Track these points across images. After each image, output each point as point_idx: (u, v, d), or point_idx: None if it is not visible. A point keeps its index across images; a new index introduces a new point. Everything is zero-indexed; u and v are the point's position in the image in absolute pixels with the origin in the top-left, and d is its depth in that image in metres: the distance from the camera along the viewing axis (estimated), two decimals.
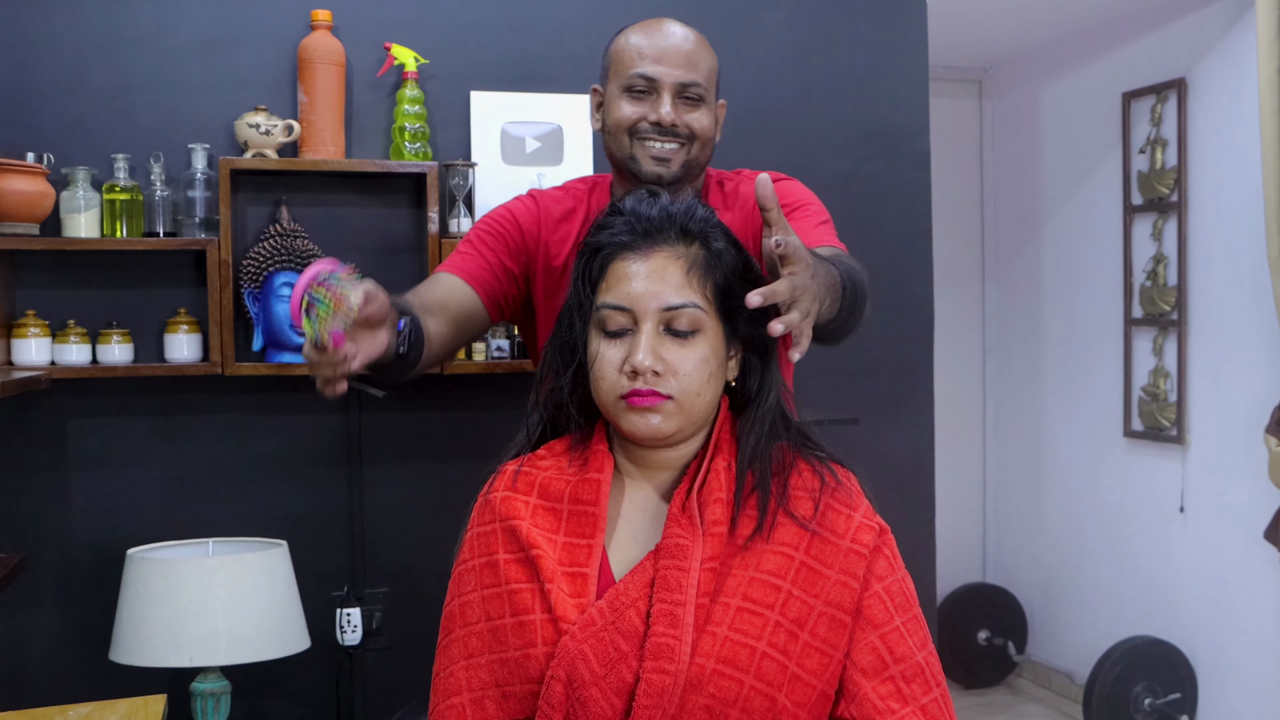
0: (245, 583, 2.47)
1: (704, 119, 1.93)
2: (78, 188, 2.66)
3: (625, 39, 1.95)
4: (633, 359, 1.35)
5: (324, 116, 2.75)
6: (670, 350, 1.36)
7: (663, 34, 1.92)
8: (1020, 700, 4.83)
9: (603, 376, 1.37)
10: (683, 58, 1.91)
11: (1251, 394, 3.84)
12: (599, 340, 1.39)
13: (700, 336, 1.37)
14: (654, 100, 1.90)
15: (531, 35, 2.97)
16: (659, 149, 1.91)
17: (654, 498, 1.43)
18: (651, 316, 1.36)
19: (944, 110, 4.45)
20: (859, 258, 1.62)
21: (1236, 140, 3.87)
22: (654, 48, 1.91)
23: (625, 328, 1.37)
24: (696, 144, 1.93)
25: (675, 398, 1.36)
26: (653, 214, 1.40)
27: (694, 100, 1.91)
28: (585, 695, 1.28)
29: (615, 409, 1.37)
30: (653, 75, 1.90)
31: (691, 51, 1.92)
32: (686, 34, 1.94)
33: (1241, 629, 3.95)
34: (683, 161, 1.92)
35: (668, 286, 1.36)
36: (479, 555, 1.40)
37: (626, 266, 1.38)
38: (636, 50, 1.92)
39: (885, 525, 1.41)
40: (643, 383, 1.35)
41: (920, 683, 1.33)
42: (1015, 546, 5.11)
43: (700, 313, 1.37)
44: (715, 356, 1.39)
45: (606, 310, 1.38)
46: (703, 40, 1.96)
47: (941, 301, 3.68)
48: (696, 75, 1.91)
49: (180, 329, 2.72)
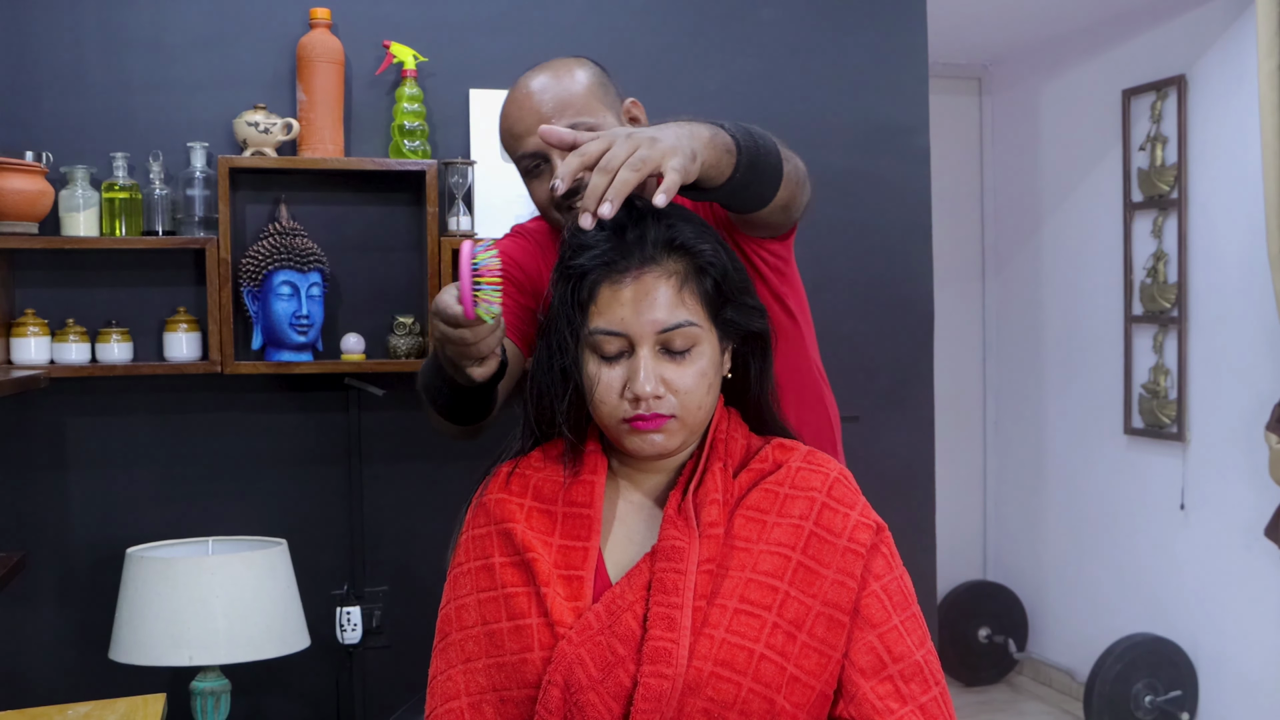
0: (245, 581, 2.47)
1: None
2: (76, 186, 2.66)
3: (499, 125, 1.84)
4: (634, 385, 1.33)
5: (323, 115, 2.75)
6: (669, 370, 1.35)
7: (521, 104, 1.79)
8: (1021, 698, 4.83)
9: (603, 400, 1.36)
10: (543, 116, 1.76)
11: (1252, 391, 3.84)
12: (595, 363, 1.37)
13: (697, 350, 1.36)
14: (546, 172, 1.79)
15: (531, 33, 2.97)
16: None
17: (649, 500, 1.42)
18: (648, 340, 1.34)
19: (943, 107, 4.44)
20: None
21: (1236, 137, 3.87)
22: (522, 123, 1.78)
23: (622, 350, 1.36)
24: None
25: (678, 415, 1.35)
26: (635, 235, 1.36)
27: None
28: (583, 700, 1.28)
29: (618, 430, 1.37)
30: (536, 150, 1.77)
31: (554, 98, 1.78)
32: (545, 85, 1.79)
33: (1242, 626, 3.95)
34: None
35: (661, 308, 1.34)
36: (474, 558, 1.40)
37: (616, 291, 1.35)
38: (510, 132, 1.81)
39: (883, 523, 1.40)
40: (645, 408, 1.34)
41: (919, 681, 1.33)
42: (1016, 544, 5.11)
43: (695, 329, 1.36)
44: (712, 365, 1.38)
45: (601, 336, 1.36)
46: (566, 72, 1.81)
47: (941, 299, 3.68)
48: (565, 118, 1.77)
49: (179, 328, 2.72)
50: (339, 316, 2.87)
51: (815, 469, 1.41)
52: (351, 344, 2.79)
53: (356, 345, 2.79)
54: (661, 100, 3.07)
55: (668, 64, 3.06)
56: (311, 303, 2.71)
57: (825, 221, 3.18)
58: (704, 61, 3.07)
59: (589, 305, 1.36)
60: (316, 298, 2.72)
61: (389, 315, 2.85)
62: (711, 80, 3.08)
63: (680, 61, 3.06)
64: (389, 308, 2.85)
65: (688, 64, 3.07)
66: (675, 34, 3.06)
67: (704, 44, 3.07)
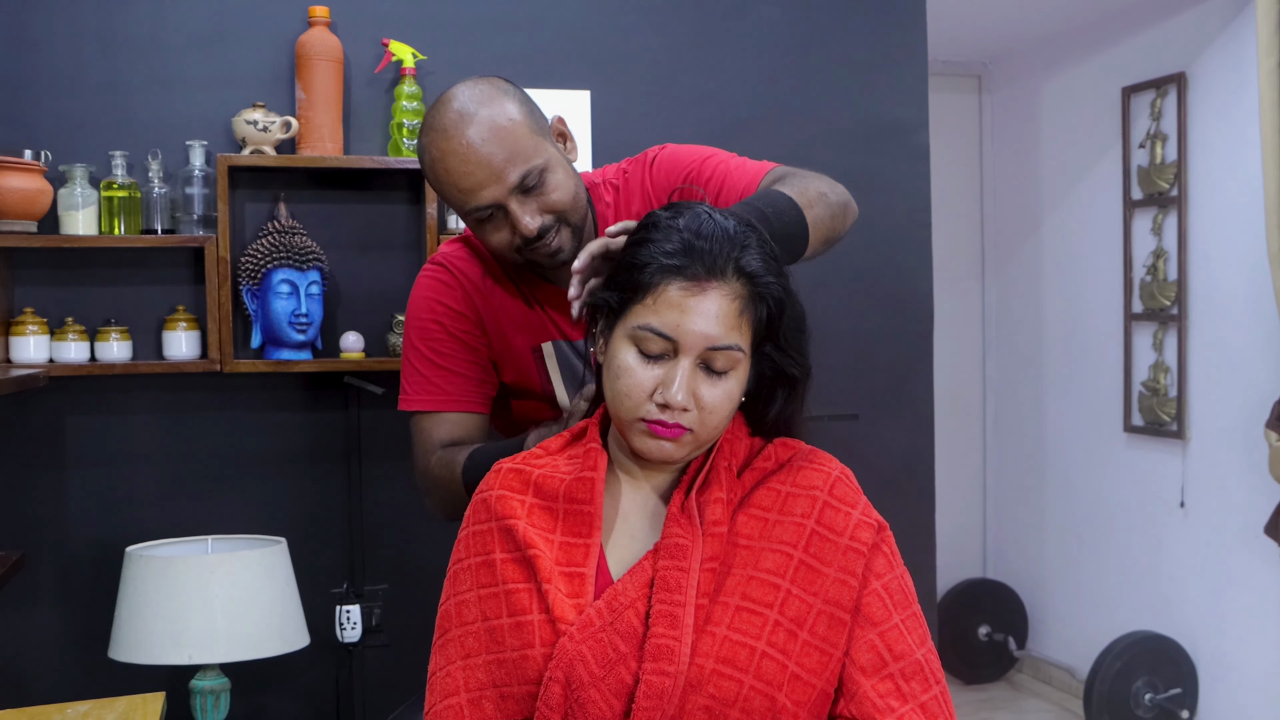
0: (244, 580, 2.47)
1: (556, 192, 1.71)
2: (75, 185, 2.66)
3: (434, 174, 1.73)
4: (666, 392, 1.32)
5: (322, 113, 2.75)
6: (703, 385, 1.34)
7: (465, 159, 1.68)
8: (1021, 696, 4.83)
9: (629, 394, 1.35)
10: (495, 169, 1.68)
11: (1252, 389, 3.84)
12: (630, 354, 1.35)
13: (733, 373, 1.35)
14: (502, 218, 1.71)
15: (529, 31, 2.97)
16: (547, 248, 1.72)
17: (653, 496, 1.42)
18: (694, 352, 1.33)
19: (943, 105, 4.44)
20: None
21: (1236, 135, 3.87)
22: (471, 178, 1.68)
23: (664, 352, 1.34)
24: (569, 212, 1.74)
25: (695, 430, 1.35)
26: (712, 247, 1.33)
27: (534, 186, 1.70)
28: (584, 696, 1.27)
29: (631, 426, 1.36)
30: (486, 203, 1.69)
31: (495, 152, 1.68)
32: (485, 135, 1.68)
33: (1242, 624, 3.95)
34: (569, 236, 1.74)
35: (717, 326, 1.32)
36: (475, 554, 1.40)
37: (679, 297, 1.32)
38: (458, 188, 1.70)
39: (884, 522, 1.40)
40: (670, 416, 1.33)
41: (919, 680, 1.33)
42: (1016, 542, 5.11)
43: (739, 353, 1.35)
44: (741, 389, 1.38)
45: (649, 333, 1.34)
46: (499, 110, 1.70)
47: (941, 297, 3.68)
48: (518, 167, 1.68)
49: (179, 326, 2.72)
50: (338, 315, 2.87)
51: (817, 468, 1.41)
52: (351, 342, 2.79)
53: (356, 344, 2.79)
54: (662, 99, 3.08)
55: (668, 62, 3.06)
56: (311, 301, 2.71)
57: None
58: (704, 60, 3.07)
59: (644, 295, 1.34)
60: (316, 296, 2.72)
61: (388, 313, 2.84)
62: (712, 78, 3.08)
63: (680, 60, 3.06)
64: (388, 306, 2.85)
65: (688, 62, 3.07)
66: (675, 32, 3.06)
67: (704, 42, 3.07)
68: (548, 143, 1.74)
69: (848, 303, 3.16)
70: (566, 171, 1.75)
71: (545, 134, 1.75)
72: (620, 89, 3.02)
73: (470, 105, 1.70)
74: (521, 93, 1.76)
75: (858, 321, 3.17)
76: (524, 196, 1.70)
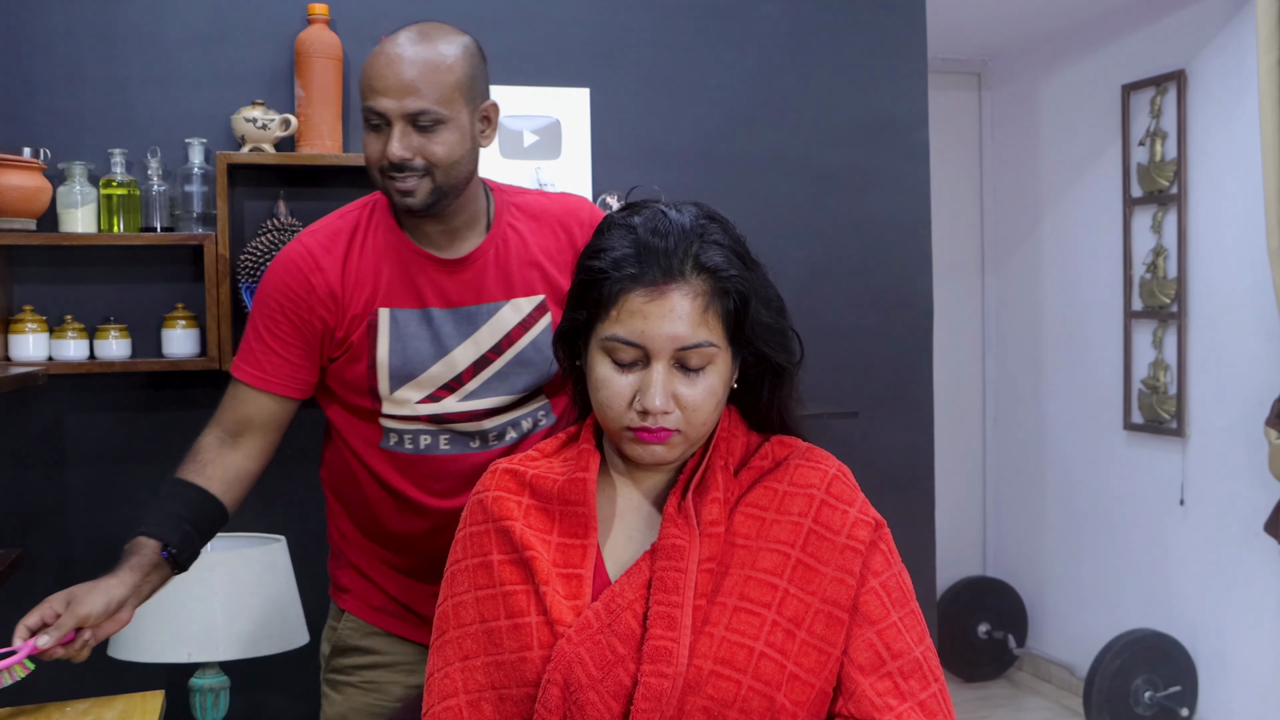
0: (244, 578, 2.47)
1: (440, 146, 1.80)
2: (75, 183, 2.66)
3: (367, 62, 1.84)
4: (645, 399, 1.32)
5: (321, 110, 2.75)
6: (681, 385, 1.34)
7: (388, 59, 1.80)
8: (1020, 694, 4.83)
9: (609, 405, 1.35)
10: (408, 85, 1.78)
11: (1251, 386, 3.84)
12: (605, 365, 1.35)
13: (711, 368, 1.35)
14: (389, 134, 1.80)
15: (529, 28, 2.96)
16: (400, 184, 1.81)
17: (649, 498, 1.42)
18: (665, 355, 1.33)
19: (943, 103, 4.44)
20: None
21: (1236, 132, 3.86)
22: (380, 78, 1.79)
23: (636, 360, 1.34)
24: (439, 170, 1.81)
25: (682, 430, 1.35)
26: (669, 245, 1.33)
27: (427, 127, 1.79)
28: (582, 698, 1.27)
29: (620, 436, 1.36)
30: (380, 110, 1.79)
31: (419, 75, 1.78)
32: (416, 53, 1.80)
33: (1242, 622, 3.95)
34: (428, 190, 1.81)
35: (684, 326, 1.32)
36: (472, 556, 1.39)
37: (641, 304, 1.33)
38: (367, 81, 1.81)
39: (881, 520, 1.40)
40: (652, 421, 1.33)
41: (918, 678, 1.33)
42: (1015, 540, 5.11)
43: (713, 349, 1.34)
44: (723, 382, 1.37)
45: (617, 343, 1.34)
46: (439, 51, 1.82)
47: (941, 294, 3.68)
48: (424, 101, 1.78)
49: (178, 324, 2.72)
50: None
51: (814, 465, 1.40)
52: None
53: None
54: (662, 97, 3.08)
55: (668, 60, 3.05)
56: None
57: (824, 217, 3.17)
58: (704, 58, 3.07)
59: (609, 308, 1.34)
60: None
61: None
62: (711, 76, 3.08)
63: (680, 58, 3.06)
64: None
65: (688, 60, 3.06)
66: (675, 30, 3.06)
67: (704, 40, 3.07)
68: (465, 108, 1.83)
69: (847, 300, 3.16)
70: (463, 141, 1.82)
71: (469, 101, 1.83)
72: (620, 87, 3.02)
73: (430, 32, 1.84)
74: (480, 60, 1.87)
75: (857, 319, 3.17)
76: (410, 128, 1.79)
